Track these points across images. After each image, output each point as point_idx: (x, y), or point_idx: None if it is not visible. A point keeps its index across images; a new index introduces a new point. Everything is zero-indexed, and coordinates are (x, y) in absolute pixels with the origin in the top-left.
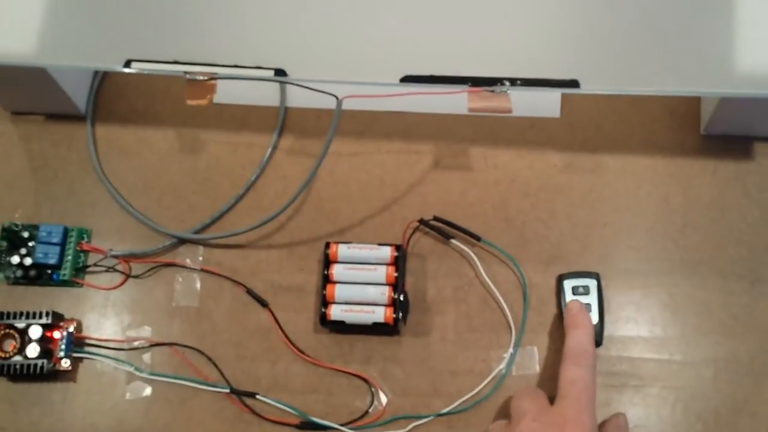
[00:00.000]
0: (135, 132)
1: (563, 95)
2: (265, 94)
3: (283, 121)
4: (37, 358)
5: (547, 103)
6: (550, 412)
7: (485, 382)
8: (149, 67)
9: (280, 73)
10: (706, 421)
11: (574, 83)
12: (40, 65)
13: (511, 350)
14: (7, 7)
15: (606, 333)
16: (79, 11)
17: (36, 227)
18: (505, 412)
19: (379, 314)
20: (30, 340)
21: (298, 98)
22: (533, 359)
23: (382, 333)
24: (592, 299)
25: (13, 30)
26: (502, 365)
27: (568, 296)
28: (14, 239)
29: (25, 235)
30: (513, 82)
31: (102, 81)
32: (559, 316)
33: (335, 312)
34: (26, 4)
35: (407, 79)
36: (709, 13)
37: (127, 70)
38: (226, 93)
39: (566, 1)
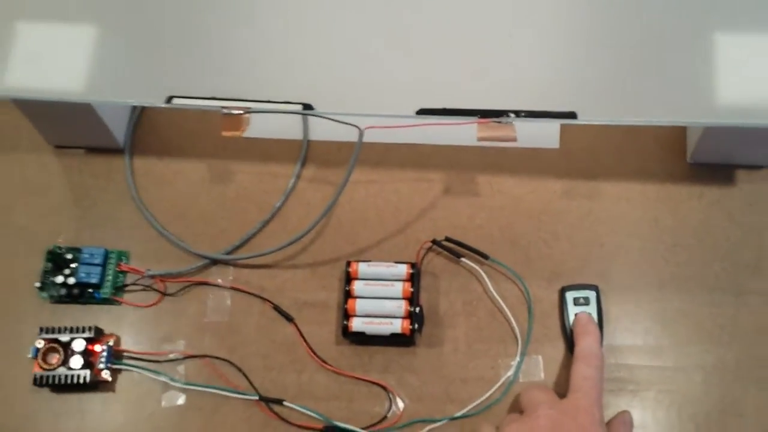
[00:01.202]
0: (169, 163)
1: (562, 128)
2: (289, 129)
3: (305, 152)
4: (80, 369)
5: (547, 135)
6: (564, 402)
7: (494, 388)
8: (189, 102)
9: (307, 107)
10: (698, 422)
11: (572, 115)
12: (89, 101)
13: (517, 359)
14: (58, 47)
15: (605, 342)
16: (125, 51)
17: (79, 250)
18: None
19: (397, 326)
20: (73, 353)
21: (319, 132)
22: (538, 367)
23: (399, 344)
24: (592, 309)
25: (64, 68)
26: (510, 372)
27: (570, 306)
28: (58, 261)
29: (69, 257)
30: (517, 114)
31: (140, 116)
32: (562, 327)
33: (356, 324)
34: (76, 44)
35: (422, 112)
36: (692, 50)
37: (168, 106)
38: (254, 127)
39: (565, 42)
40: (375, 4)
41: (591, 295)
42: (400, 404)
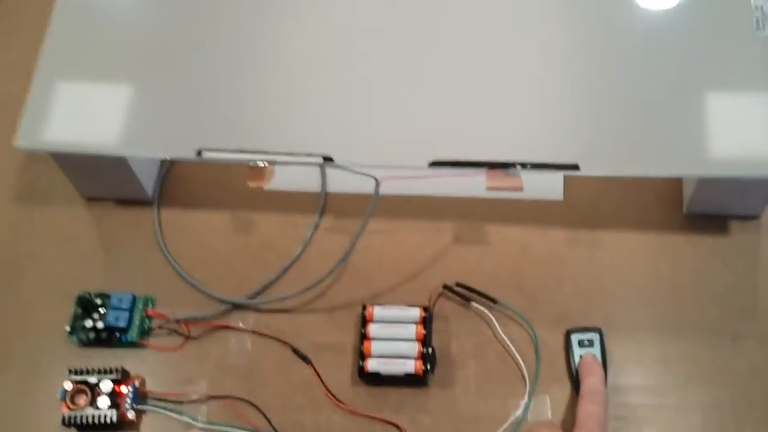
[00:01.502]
0: (195, 214)
1: (565, 181)
2: (309, 181)
3: (324, 204)
4: (107, 409)
5: (551, 188)
6: None
7: (504, 426)
8: (217, 155)
9: (327, 159)
10: None
11: (575, 167)
12: (124, 155)
13: (526, 399)
14: (96, 105)
15: (609, 381)
16: (158, 108)
17: (108, 296)
18: None
19: (410, 366)
20: (101, 393)
21: (336, 184)
22: (546, 406)
23: (413, 384)
24: (596, 351)
25: (101, 124)
26: (519, 412)
27: (575, 348)
28: (88, 306)
29: (98, 302)
30: (523, 165)
31: (169, 169)
32: (568, 368)
33: (371, 364)
34: (112, 102)
35: (435, 164)
36: (686, 109)
37: (199, 159)
38: (275, 180)
39: (568, 101)
40: (392, 65)
41: (595, 337)
42: None
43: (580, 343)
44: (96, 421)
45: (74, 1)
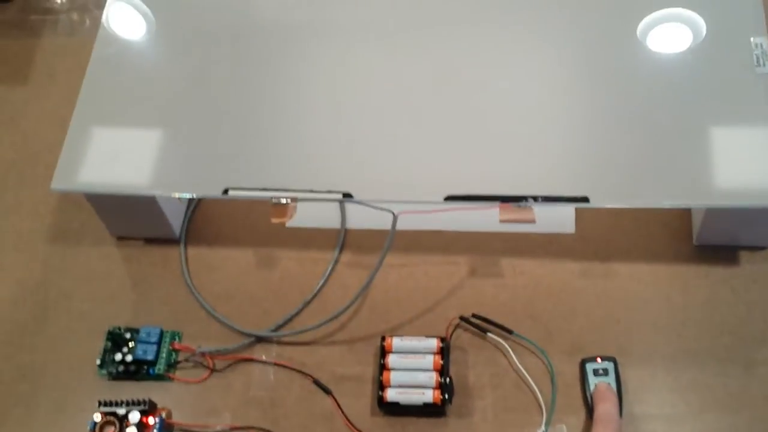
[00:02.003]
0: (219, 251)
1: (577, 215)
2: (328, 218)
3: (343, 240)
4: None
5: (563, 222)
6: None
7: None
8: (242, 194)
9: (347, 195)
10: None
11: (585, 199)
12: (154, 195)
13: (543, 428)
14: (127, 148)
15: (624, 410)
16: (185, 150)
17: (137, 330)
18: None
19: (429, 395)
20: (129, 425)
21: (355, 220)
22: None
23: (431, 414)
24: (611, 379)
25: (132, 166)
26: None
27: (590, 377)
28: (118, 340)
29: (127, 336)
30: (535, 199)
31: (195, 209)
32: (583, 397)
33: (391, 394)
34: (143, 145)
35: (450, 198)
36: (692, 142)
37: (225, 197)
38: (296, 217)
39: (577, 136)
40: (408, 105)
41: (609, 366)
42: None
43: (595, 372)
44: None
45: (107, 54)
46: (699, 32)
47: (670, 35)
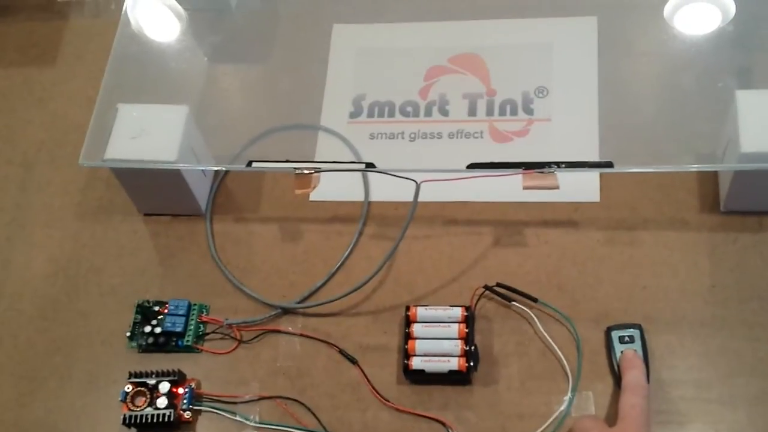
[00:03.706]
0: (245, 226)
1: (602, 183)
2: (352, 191)
3: (366, 212)
4: (165, 408)
5: (588, 190)
6: (613, 429)
7: (548, 422)
8: (266, 165)
9: (369, 165)
10: None
11: (609, 164)
12: (181, 168)
13: (569, 395)
14: (155, 124)
15: (651, 377)
16: (210, 124)
17: (165, 303)
18: None
19: (454, 363)
20: (159, 395)
21: (378, 193)
22: (589, 402)
23: (456, 382)
24: (637, 346)
25: (158, 141)
26: (563, 407)
27: (616, 344)
28: (147, 313)
29: (156, 309)
30: (558, 165)
31: (220, 183)
32: (610, 365)
33: (416, 363)
34: (168, 121)
35: (472, 166)
36: (717, 104)
37: (249, 169)
38: (320, 191)
39: (602, 102)
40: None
41: (635, 333)
42: None
43: (621, 340)
44: (155, 420)
45: (131, 31)
46: None
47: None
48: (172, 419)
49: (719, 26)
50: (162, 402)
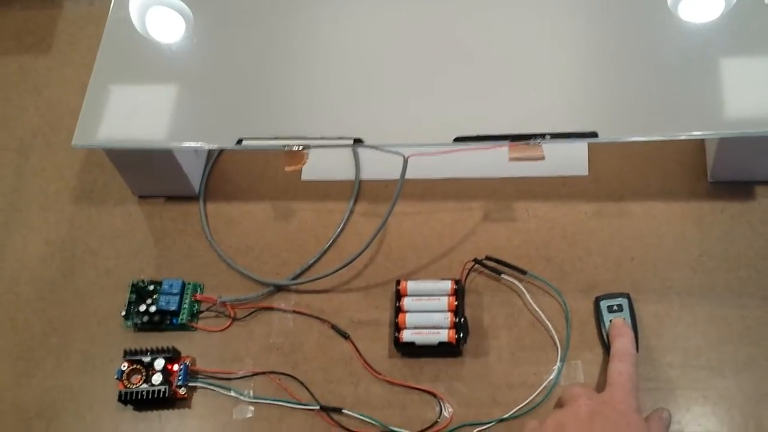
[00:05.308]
0: (238, 206)
1: (590, 156)
2: (343, 169)
3: (357, 190)
4: (160, 384)
5: (576, 163)
6: (601, 395)
7: (537, 391)
8: (256, 143)
9: (358, 141)
10: (733, 415)
11: (593, 134)
12: (172, 147)
13: (558, 364)
14: (144, 104)
15: (640, 345)
16: (199, 104)
17: (159, 282)
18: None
19: (443, 335)
20: (154, 372)
21: (369, 171)
22: (578, 371)
23: (447, 354)
24: (625, 315)
25: (151, 121)
26: (552, 377)
27: (605, 314)
28: (141, 292)
29: (151, 288)
30: (543, 136)
31: (213, 165)
32: (599, 335)
33: (406, 335)
34: (159, 101)
35: (459, 139)
36: (701, 70)
37: (239, 147)
38: (311, 170)
39: (585, 72)
40: (417, 49)
41: (624, 302)
42: (450, 410)
43: (610, 309)
44: (150, 396)
45: (123, 14)
46: None
47: None
48: (167, 395)
49: None
50: (157, 379)
